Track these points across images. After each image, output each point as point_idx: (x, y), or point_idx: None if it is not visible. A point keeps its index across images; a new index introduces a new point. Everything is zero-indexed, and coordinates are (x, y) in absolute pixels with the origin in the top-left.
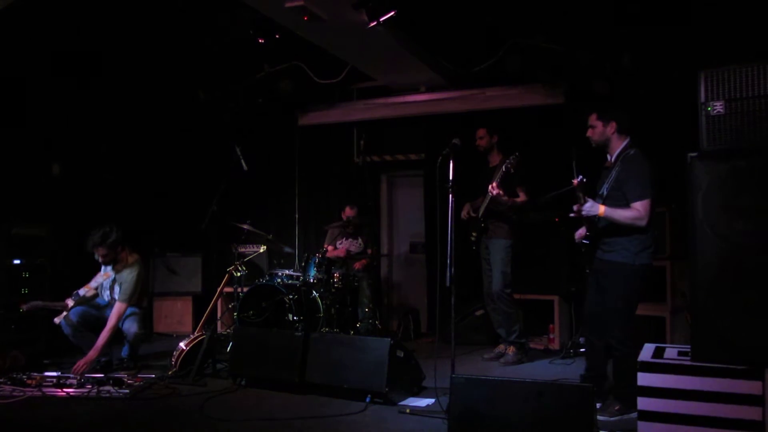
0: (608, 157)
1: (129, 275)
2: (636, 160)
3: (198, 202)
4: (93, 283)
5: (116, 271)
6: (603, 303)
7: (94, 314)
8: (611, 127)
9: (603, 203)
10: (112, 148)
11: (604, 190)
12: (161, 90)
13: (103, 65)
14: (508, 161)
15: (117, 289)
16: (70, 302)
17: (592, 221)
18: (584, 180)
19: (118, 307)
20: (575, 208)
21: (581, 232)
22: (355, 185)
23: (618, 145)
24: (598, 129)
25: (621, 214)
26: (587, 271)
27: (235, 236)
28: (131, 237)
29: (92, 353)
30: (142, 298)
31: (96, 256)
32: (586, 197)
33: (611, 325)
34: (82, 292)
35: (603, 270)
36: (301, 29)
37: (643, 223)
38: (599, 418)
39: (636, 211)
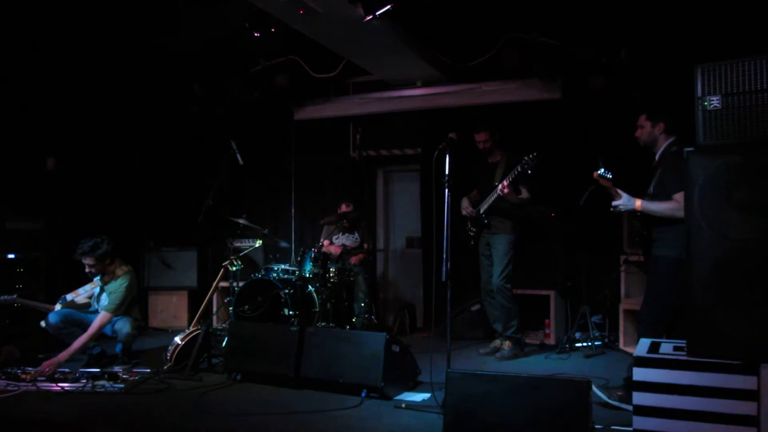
0: (655, 156)
1: (119, 286)
2: (675, 156)
3: (194, 197)
4: (82, 291)
5: (104, 282)
6: (651, 295)
7: (78, 317)
8: (659, 128)
9: (651, 201)
10: (107, 142)
11: (651, 189)
12: (156, 84)
13: (99, 58)
14: (524, 162)
15: (103, 298)
16: (58, 306)
17: (641, 217)
18: (606, 173)
19: (102, 317)
20: (613, 203)
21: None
22: (351, 180)
23: (662, 144)
24: (646, 129)
25: (660, 207)
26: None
27: (231, 231)
28: (127, 231)
29: (63, 355)
30: (131, 308)
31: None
32: (619, 192)
33: (646, 313)
34: (69, 297)
35: (653, 265)
36: (297, 23)
37: (683, 213)
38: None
39: (676, 203)
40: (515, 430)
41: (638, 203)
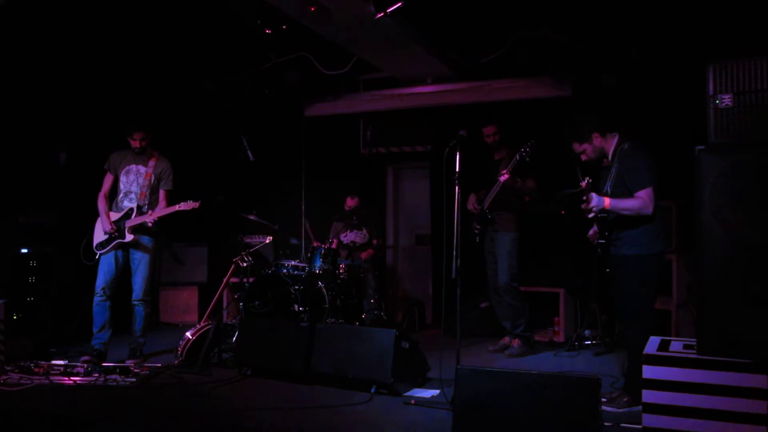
0: (606, 157)
1: (166, 165)
2: (633, 153)
3: (204, 192)
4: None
5: (142, 161)
6: (623, 297)
7: (116, 275)
8: (596, 140)
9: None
10: (118, 136)
11: (607, 188)
12: (168, 79)
13: (111, 53)
14: (522, 150)
15: (159, 183)
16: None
17: (602, 219)
18: (590, 181)
19: (164, 195)
20: (583, 206)
21: (593, 232)
22: (361, 177)
23: (611, 145)
24: (588, 150)
25: (626, 204)
26: (608, 270)
27: (242, 226)
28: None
29: (148, 217)
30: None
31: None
32: (591, 194)
33: (628, 316)
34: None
35: (620, 265)
36: (308, 20)
37: (649, 211)
38: (607, 409)
39: (640, 200)
40: (524, 427)
41: (607, 201)
